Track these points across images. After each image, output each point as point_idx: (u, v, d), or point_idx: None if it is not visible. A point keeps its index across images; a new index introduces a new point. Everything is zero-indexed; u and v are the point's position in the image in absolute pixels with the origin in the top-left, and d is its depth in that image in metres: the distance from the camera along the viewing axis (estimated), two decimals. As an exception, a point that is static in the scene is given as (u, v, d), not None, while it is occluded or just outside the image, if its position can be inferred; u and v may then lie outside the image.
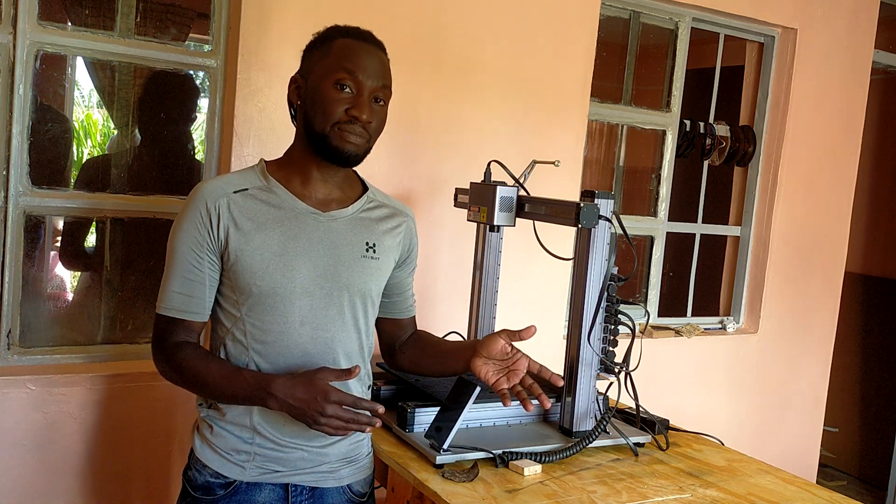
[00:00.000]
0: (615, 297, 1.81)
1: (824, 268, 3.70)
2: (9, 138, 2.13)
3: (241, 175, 1.57)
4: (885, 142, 4.68)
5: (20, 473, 2.12)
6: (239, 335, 1.52)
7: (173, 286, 1.52)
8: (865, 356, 4.76)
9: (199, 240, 1.50)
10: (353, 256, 1.57)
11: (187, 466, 1.60)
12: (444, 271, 2.68)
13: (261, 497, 1.54)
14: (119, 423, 2.22)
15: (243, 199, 1.52)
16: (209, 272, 1.52)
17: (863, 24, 3.60)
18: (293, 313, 1.51)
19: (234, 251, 1.49)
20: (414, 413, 1.74)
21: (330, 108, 1.50)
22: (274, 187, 1.55)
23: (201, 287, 1.52)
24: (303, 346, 1.52)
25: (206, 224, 1.49)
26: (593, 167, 3.99)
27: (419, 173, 2.61)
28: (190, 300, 1.52)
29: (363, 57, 1.52)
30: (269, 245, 1.50)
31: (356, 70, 1.50)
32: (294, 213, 1.54)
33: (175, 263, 1.52)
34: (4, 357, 2.18)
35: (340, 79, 1.50)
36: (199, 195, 1.51)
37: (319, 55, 1.54)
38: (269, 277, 1.49)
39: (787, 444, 3.69)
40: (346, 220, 1.58)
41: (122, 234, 2.36)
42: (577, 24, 2.85)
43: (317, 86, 1.52)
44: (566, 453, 1.70)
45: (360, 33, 1.57)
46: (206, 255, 1.51)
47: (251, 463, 1.53)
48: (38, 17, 2.13)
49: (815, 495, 1.68)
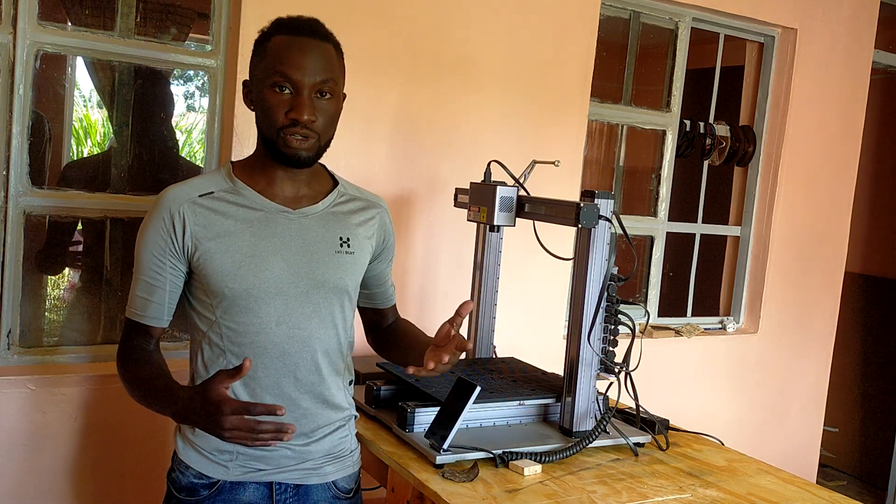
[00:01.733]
0: (615, 297, 1.81)
1: (824, 268, 3.70)
2: (9, 138, 2.13)
3: (206, 179, 1.55)
4: (885, 142, 4.68)
5: (20, 473, 2.12)
6: (215, 338, 1.51)
7: (137, 290, 1.52)
8: (865, 356, 4.76)
9: (162, 244, 1.49)
10: (327, 252, 1.55)
11: (171, 468, 1.59)
12: (444, 271, 2.68)
13: (245, 496, 1.54)
14: (119, 424, 2.22)
15: (210, 202, 1.50)
16: (171, 278, 1.51)
17: (863, 24, 3.60)
18: (268, 313, 1.50)
19: (203, 255, 1.48)
20: (414, 413, 1.74)
21: (271, 113, 1.47)
22: (241, 188, 1.53)
23: (161, 292, 1.51)
24: (280, 345, 1.51)
25: (168, 230, 1.48)
26: (593, 167, 3.99)
27: (419, 173, 2.61)
28: (149, 304, 1.52)
29: (296, 54, 1.47)
30: (240, 246, 1.48)
31: (290, 70, 1.46)
32: (263, 213, 1.52)
33: (139, 267, 1.52)
34: (4, 357, 2.18)
35: (276, 82, 1.46)
36: (163, 201, 1.50)
37: (259, 57, 1.51)
38: (241, 279, 1.47)
39: (787, 444, 3.69)
40: (318, 216, 1.56)
41: (121, 234, 2.35)
42: (577, 24, 2.85)
43: (259, 91, 1.50)
44: (566, 453, 1.70)
45: (297, 26, 1.50)
46: (167, 261, 1.50)
47: (234, 462, 1.52)
48: (38, 17, 2.13)
49: (815, 495, 1.68)
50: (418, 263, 2.65)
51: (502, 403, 1.84)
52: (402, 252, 2.60)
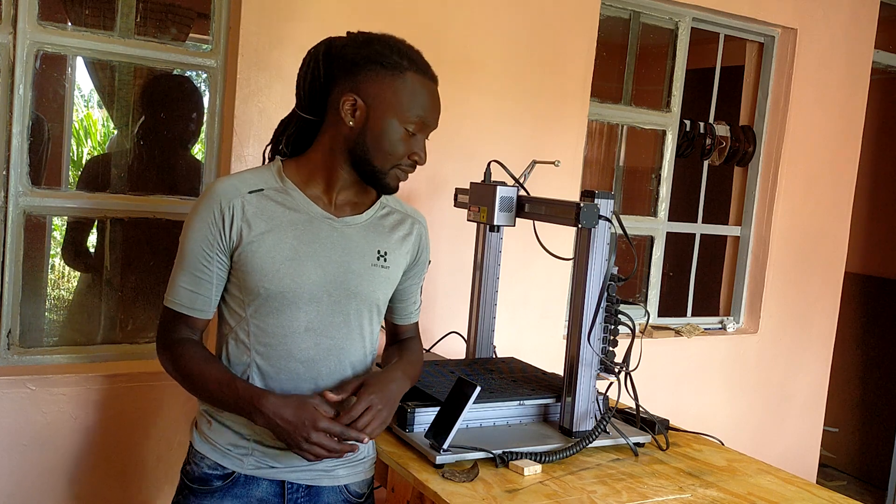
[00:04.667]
0: (615, 297, 1.81)
1: (824, 268, 3.70)
2: (9, 138, 2.13)
3: (256, 174, 1.54)
4: (885, 142, 4.68)
5: (20, 473, 2.12)
6: (242, 336, 1.51)
7: (181, 281, 1.51)
8: (865, 356, 4.76)
9: (211, 238, 1.48)
10: (364, 264, 1.55)
11: (185, 461, 1.60)
12: (444, 271, 2.68)
13: (258, 492, 1.55)
14: (118, 424, 2.22)
15: (258, 200, 1.49)
16: (217, 271, 1.50)
17: (863, 24, 3.60)
18: (299, 318, 1.50)
19: (245, 251, 1.47)
20: (414, 413, 1.74)
21: (396, 149, 1.50)
22: (290, 189, 1.52)
23: (208, 285, 1.51)
24: (306, 351, 1.51)
25: (218, 223, 1.47)
26: (593, 167, 4.00)
27: (419, 173, 2.58)
28: (196, 297, 1.51)
29: (433, 102, 1.52)
30: (281, 248, 1.48)
31: (429, 119, 1.52)
32: (308, 217, 1.52)
33: (185, 259, 1.50)
34: (4, 357, 2.18)
35: (416, 125, 1.50)
36: (215, 193, 1.49)
37: (389, 87, 1.48)
38: (277, 280, 1.47)
39: (787, 444, 3.69)
40: (360, 226, 1.57)
41: (122, 234, 2.35)
42: (577, 24, 2.85)
43: (384, 121, 1.48)
44: (566, 453, 1.70)
45: (428, 69, 1.53)
46: (215, 254, 1.49)
47: (249, 457, 1.54)
48: (38, 17, 2.13)
49: (815, 495, 1.68)
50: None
51: (502, 403, 1.84)
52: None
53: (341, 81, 1.50)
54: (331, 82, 1.52)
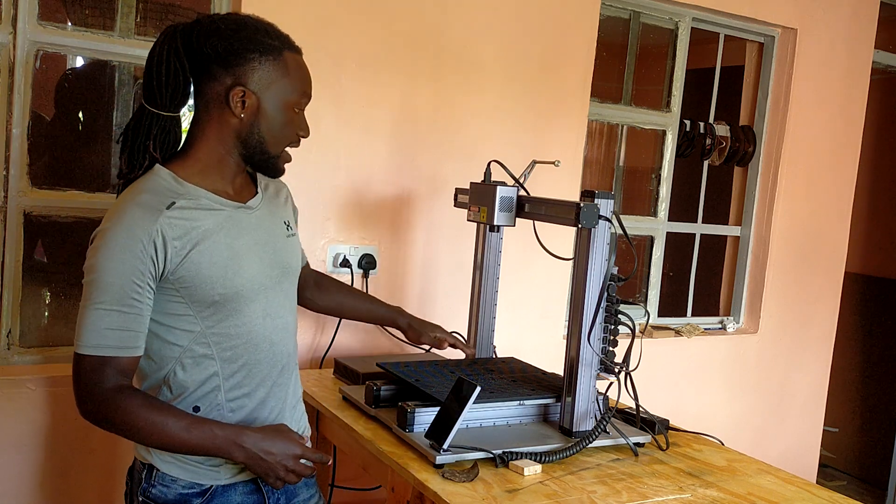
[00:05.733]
0: (615, 297, 1.81)
1: (824, 268, 3.70)
2: (9, 138, 2.13)
3: (153, 189, 1.43)
4: (885, 142, 4.68)
5: (20, 474, 2.12)
6: (202, 350, 1.46)
7: (105, 323, 1.37)
8: (865, 356, 4.76)
9: (143, 268, 1.37)
10: (282, 238, 1.60)
11: (146, 484, 1.49)
12: (444, 271, 2.68)
13: (236, 497, 1.52)
14: (119, 423, 2.22)
15: (177, 213, 1.41)
16: (147, 302, 1.40)
17: (863, 24, 3.60)
18: (255, 310, 1.51)
19: (184, 268, 1.41)
20: (414, 413, 1.74)
21: (287, 131, 1.51)
22: (194, 192, 1.46)
23: (140, 319, 1.40)
24: (268, 337, 1.54)
25: (149, 251, 1.37)
26: (593, 167, 4.00)
27: (419, 173, 2.61)
28: (128, 335, 1.39)
29: (307, 74, 1.53)
30: (219, 250, 1.45)
31: (309, 92, 1.53)
32: (226, 213, 1.49)
33: (108, 297, 1.36)
34: (4, 357, 2.18)
35: (300, 103, 1.52)
36: (133, 222, 1.37)
37: (274, 72, 1.47)
38: (228, 282, 1.45)
39: (787, 444, 3.69)
40: (263, 206, 1.58)
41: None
42: (577, 24, 2.85)
43: (276, 108, 1.48)
44: (566, 453, 1.70)
45: (292, 41, 1.53)
46: (146, 285, 1.39)
47: (224, 466, 1.50)
48: (38, 17, 2.13)
49: (815, 495, 1.68)
50: (418, 263, 2.65)
51: (502, 403, 1.84)
52: (403, 252, 2.60)
53: (218, 74, 1.45)
54: (201, 76, 1.46)
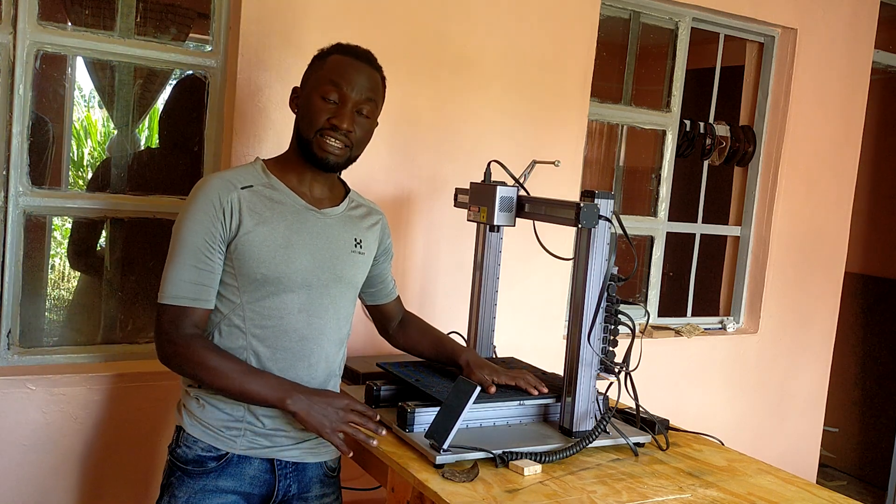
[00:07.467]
0: (615, 297, 1.81)
1: (824, 268, 3.70)
2: (9, 138, 2.13)
3: (243, 172, 1.69)
4: (885, 142, 4.68)
5: (20, 474, 2.12)
6: (237, 321, 1.63)
7: (183, 276, 1.59)
8: (865, 356, 4.76)
9: (213, 231, 1.60)
10: (345, 251, 1.73)
11: (174, 443, 1.68)
12: (444, 271, 2.68)
13: (250, 470, 1.67)
14: (119, 424, 2.22)
15: (250, 195, 1.64)
16: (218, 262, 1.61)
17: (863, 24, 3.60)
18: (292, 301, 1.64)
19: (241, 241, 1.60)
20: (414, 413, 1.74)
21: (315, 117, 1.65)
22: (275, 184, 1.69)
23: (212, 275, 1.61)
24: (300, 330, 1.66)
25: (219, 215, 1.60)
26: (593, 167, 4.00)
27: (419, 173, 2.61)
28: (200, 288, 1.60)
29: (351, 72, 1.66)
30: (275, 236, 1.62)
31: (342, 83, 1.65)
32: (295, 209, 1.68)
33: (185, 253, 1.59)
34: (4, 357, 2.18)
35: (327, 91, 1.65)
36: (210, 189, 1.62)
37: (314, 69, 1.69)
38: (274, 266, 1.61)
39: (787, 444, 3.69)
40: (338, 217, 1.74)
41: (122, 234, 2.35)
42: (577, 24, 2.85)
43: (308, 96, 1.67)
44: (566, 453, 1.70)
45: (355, 51, 1.70)
46: (217, 245, 1.60)
47: (242, 438, 1.64)
48: (38, 17, 2.13)
49: (815, 495, 1.68)
50: (418, 263, 2.65)
51: (502, 403, 1.84)
52: (403, 252, 2.60)
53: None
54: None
